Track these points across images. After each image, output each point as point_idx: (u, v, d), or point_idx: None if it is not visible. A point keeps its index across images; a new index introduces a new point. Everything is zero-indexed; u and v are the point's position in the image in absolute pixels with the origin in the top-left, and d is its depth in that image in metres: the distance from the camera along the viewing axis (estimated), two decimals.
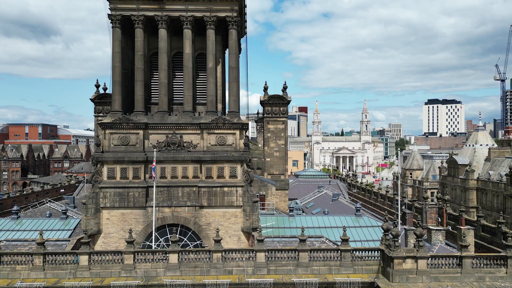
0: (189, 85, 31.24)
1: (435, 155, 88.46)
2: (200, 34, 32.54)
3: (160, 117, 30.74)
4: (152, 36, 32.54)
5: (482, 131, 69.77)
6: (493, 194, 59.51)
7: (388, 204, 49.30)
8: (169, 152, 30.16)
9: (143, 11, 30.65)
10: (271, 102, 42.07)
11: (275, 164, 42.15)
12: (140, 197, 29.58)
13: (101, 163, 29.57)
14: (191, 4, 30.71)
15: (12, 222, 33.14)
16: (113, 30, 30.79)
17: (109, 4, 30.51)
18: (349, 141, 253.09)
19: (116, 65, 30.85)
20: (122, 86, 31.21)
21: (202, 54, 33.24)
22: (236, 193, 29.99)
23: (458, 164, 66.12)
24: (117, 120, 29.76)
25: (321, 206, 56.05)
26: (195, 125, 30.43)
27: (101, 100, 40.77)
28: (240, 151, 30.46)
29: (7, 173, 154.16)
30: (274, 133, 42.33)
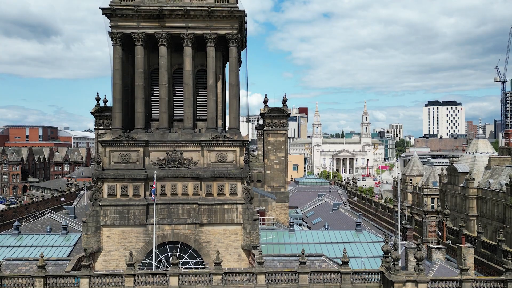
0: (189, 102, 31.29)
1: (436, 161, 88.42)
2: (200, 50, 32.55)
3: (160, 134, 30.78)
4: (153, 52, 32.57)
5: (482, 139, 69.77)
6: (493, 203, 59.51)
7: (388, 215, 49.32)
8: (169, 169, 30.20)
9: (144, 28, 30.70)
10: (271, 115, 42.17)
11: (275, 177, 42.22)
12: (140, 214, 29.63)
13: (102, 180, 29.62)
14: (192, 21, 30.76)
15: (13, 237, 33.18)
16: (113, 48, 30.83)
17: (110, 22, 30.53)
18: (349, 143, 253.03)
19: (116, 82, 30.89)
20: (122, 103, 31.26)
21: (202, 70, 33.25)
22: (236, 211, 30.02)
23: (458, 172, 66.12)
24: (118, 138, 29.81)
25: (321, 215, 56.13)
26: (195, 142, 30.48)
27: (102, 113, 40.85)
28: (240, 168, 30.49)
29: (7, 176, 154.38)
30: (274, 146, 42.40)
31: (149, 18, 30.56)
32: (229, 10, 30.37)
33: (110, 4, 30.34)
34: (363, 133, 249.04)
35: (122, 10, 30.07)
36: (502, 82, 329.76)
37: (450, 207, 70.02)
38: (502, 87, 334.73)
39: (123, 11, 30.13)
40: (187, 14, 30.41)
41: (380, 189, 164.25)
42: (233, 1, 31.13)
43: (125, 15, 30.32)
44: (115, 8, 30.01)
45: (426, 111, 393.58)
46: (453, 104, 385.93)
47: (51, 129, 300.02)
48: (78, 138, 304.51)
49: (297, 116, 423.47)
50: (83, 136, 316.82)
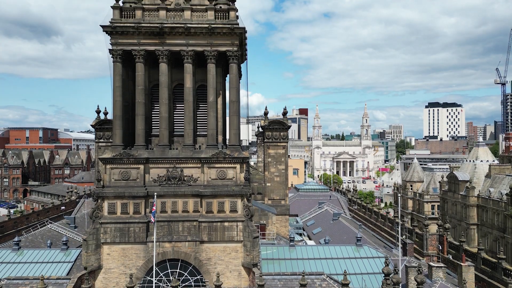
0: (189, 119, 31.30)
1: (436, 168, 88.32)
2: (201, 66, 32.55)
3: (161, 151, 30.79)
4: (153, 68, 32.55)
5: (482, 147, 69.70)
6: (493, 212, 59.48)
7: (388, 226, 49.30)
8: (170, 187, 30.20)
9: (144, 45, 30.71)
10: (271, 127, 42.23)
11: (276, 189, 42.24)
12: (140, 232, 29.62)
13: (102, 198, 29.62)
14: (192, 38, 30.77)
15: (13, 253, 33.19)
16: (114, 65, 30.84)
17: (110, 39, 30.53)
18: (350, 145, 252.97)
19: (117, 99, 30.91)
20: (123, 119, 31.27)
21: (202, 86, 33.24)
22: (236, 228, 30.01)
23: (459, 180, 66.09)
24: (118, 156, 29.80)
25: (322, 225, 56.16)
26: (195, 159, 30.48)
27: (102, 126, 40.93)
28: (240, 185, 30.49)
29: (7, 180, 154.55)
30: (274, 158, 42.42)
31: (150, 35, 30.58)
32: (229, 28, 30.38)
33: (111, 22, 30.36)
34: (363, 135, 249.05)
35: (122, 27, 30.10)
36: (503, 84, 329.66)
37: (451, 215, 70.03)
38: (502, 89, 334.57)
39: (124, 29, 30.15)
40: (188, 31, 30.43)
41: (380, 192, 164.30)
42: (233, 18, 31.18)
43: (126, 32, 30.34)
44: (115, 25, 30.03)
45: (426, 113, 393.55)
46: (453, 106, 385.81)
47: (52, 131, 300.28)
48: (79, 140, 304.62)
49: (297, 118, 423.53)
50: (83, 138, 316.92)
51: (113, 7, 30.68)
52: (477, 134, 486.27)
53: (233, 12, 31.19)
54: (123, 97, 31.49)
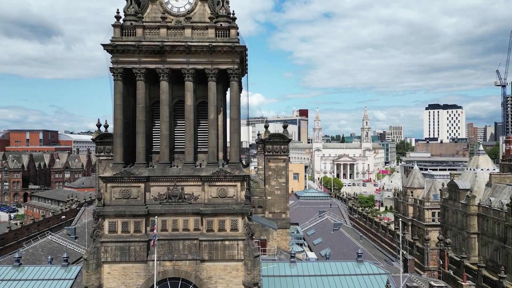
0: (190, 136, 31.29)
1: (437, 174, 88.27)
2: (201, 82, 32.51)
3: (161, 169, 30.77)
4: (154, 85, 32.48)
5: (483, 155, 69.69)
6: (494, 222, 59.47)
7: (389, 237, 49.28)
8: (170, 205, 30.17)
9: (145, 63, 30.71)
10: (271, 140, 42.24)
11: (276, 203, 42.23)
12: (141, 251, 29.60)
13: (103, 217, 29.61)
14: (193, 57, 30.77)
15: (14, 270, 33.21)
16: (114, 83, 30.85)
17: (111, 58, 30.53)
18: (350, 148, 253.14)
19: (117, 118, 30.91)
20: (123, 136, 31.25)
21: (203, 102, 33.19)
22: (237, 247, 29.98)
23: (459, 189, 66.07)
24: (119, 174, 29.79)
25: (322, 235, 56.17)
26: (196, 177, 30.46)
27: (102, 139, 40.99)
28: (241, 203, 30.46)
29: (8, 183, 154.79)
30: (275, 171, 42.42)
31: (150, 53, 30.57)
32: (230, 46, 30.38)
33: (112, 40, 30.37)
34: (364, 137, 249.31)
35: (123, 46, 30.09)
36: (503, 86, 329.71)
37: (451, 223, 70.04)
38: (502, 90, 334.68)
39: (124, 47, 30.14)
40: (188, 50, 30.42)
41: (381, 196, 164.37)
42: (234, 36, 31.18)
43: (126, 51, 30.33)
44: (116, 44, 30.03)
45: (426, 114, 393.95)
46: (453, 108, 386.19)
47: (52, 133, 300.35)
48: (79, 142, 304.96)
49: (297, 119, 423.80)
50: (84, 140, 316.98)
51: (114, 26, 30.68)
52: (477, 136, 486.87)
53: (234, 30, 31.19)
54: (123, 114, 31.49)
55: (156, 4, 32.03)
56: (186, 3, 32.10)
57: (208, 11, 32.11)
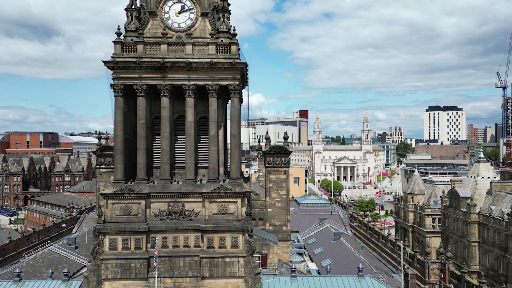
0: (191, 152, 31.27)
1: (437, 180, 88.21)
2: (202, 97, 32.49)
3: (162, 186, 30.76)
4: (154, 100, 32.45)
5: (483, 163, 69.63)
6: (494, 230, 59.39)
7: (390, 248, 49.21)
8: (171, 221, 30.16)
9: (146, 80, 30.71)
10: (272, 152, 42.10)
11: (277, 215, 42.11)
12: (141, 268, 29.58)
13: (103, 234, 29.59)
14: (193, 73, 30.78)
15: (14, 285, 33.13)
16: (115, 99, 30.87)
17: (112, 74, 30.54)
18: (350, 150, 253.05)
19: (118, 134, 30.91)
20: (124, 152, 31.25)
21: (204, 117, 33.17)
22: (238, 264, 29.96)
23: (460, 196, 66.02)
24: (119, 191, 29.78)
25: (323, 244, 56.08)
26: (196, 193, 30.45)
27: (103, 152, 40.76)
28: (242, 219, 30.45)
29: (8, 187, 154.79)
30: (275, 183, 42.30)
31: (151, 69, 30.58)
32: (231, 63, 30.38)
33: (112, 57, 30.37)
34: (364, 140, 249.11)
35: (124, 62, 30.10)
36: (503, 88, 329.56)
37: (452, 231, 69.97)
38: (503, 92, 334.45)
39: (125, 64, 30.16)
40: (189, 66, 30.44)
41: (381, 199, 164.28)
42: (234, 52, 31.18)
43: (127, 67, 30.36)
44: (117, 61, 30.04)
45: (427, 116, 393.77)
46: (454, 109, 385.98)
47: (52, 135, 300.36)
48: (79, 143, 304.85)
49: (297, 121, 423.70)
50: (84, 141, 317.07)
51: (115, 42, 30.69)
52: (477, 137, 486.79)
53: (234, 46, 31.20)
54: (124, 129, 31.51)
55: (156, 19, 32.05)
56: (186, 18, 32.13)
57: (208, 26, 32.13)
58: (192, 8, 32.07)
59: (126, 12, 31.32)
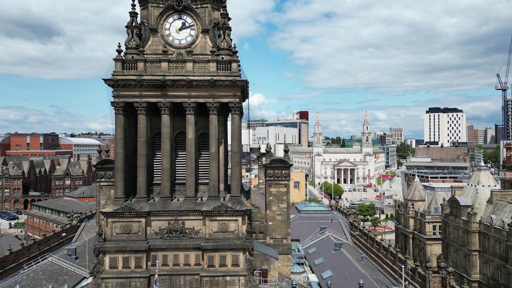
0: (191, 170, 31.20)
1: (438, 187, 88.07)
2: (202, 114, 32.43)
3: (162, 204, 30.69)
4: (155, 117, 32.38)
5: (484, 171, 69.54)
6: (495, 240, 59.30)
7: (391, 259, 49.14)
8: (171, 239, 30.10)
9: (146, 97, 30.65)
10: (273, 165, 41.94)
11: (278, 228, 41.98)
12: (142, 287, 29.51)
13: (103, 252, 29.53)
14: (194, 90, 30.72)
15: None
16: (116, 117, 30.81)
17: (112, 92, 30.48)
18: (351, 152, 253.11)
19: (119, 152, 30.86)
20: (124, 171, 31.19)
21: (204, 134, 33.12)
22: (238, 283, 29.89)
23: (461, 205, 65.93)
24: (120, 210, 29.73)
25: (323, 254, 56.04)
26: (197, 212, 30.39)
27: (103, 165, 40.43)
28: (242, 237, 30.39)
29: (8, 190, 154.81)
30: (276, 197, 42.17)
31: (152, 87, 30.52)
32: (231, 80, 30.33)
33: (113, 74, 30.32)
34: (364, 142, 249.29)
35: (124, 80, 30.05)
36: (503, 90, 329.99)
37: (452, 239, 69.87)
38: (503, 94, 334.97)
39: (126, 82, 30.10)
40: (190, 84, 30.38)
41: (381, 203, 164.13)
42: (235, 70, 31.12)
43: (128, 85, 30.29)
44: (117, 79, 29.99)
45: (427, 118, 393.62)
46: (454, 111, 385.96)
47: (52, 136, 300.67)
48: (80, 145, 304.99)
49: (297, 122, 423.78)
50: (84, 143, 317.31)
51: (115, 60, 30.64)
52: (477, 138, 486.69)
53: (235, 64, 31.14)
54: (125, 146, 31.46)
55: (157, 36, 32.01)
56: (187, 35, 32.09)
57: (209, 43, 32.08)
58: (192, 25, 32.03)
59: (127, 29, 31.26)
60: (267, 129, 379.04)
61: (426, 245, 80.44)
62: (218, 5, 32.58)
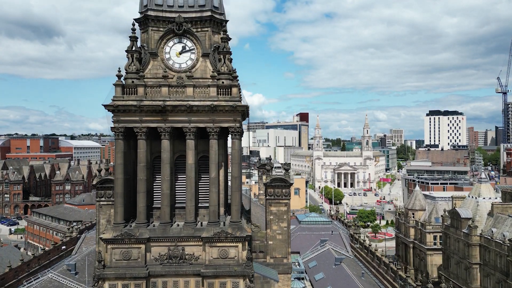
0: (191, 195, 31.08)
1: (438, 196, 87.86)
2: (202, 137, 32.31)
3: (162, 229, 30.55)
4: (155, 140, 32.24)
5: (485, 184, 69.36)
6: (496, 254, 59.14)
7: (391, 276, 48.96)
8: (171, 266, 29.95)
9: (146, 123, 30.54)
10: (273, 184, 41.64)
11: (278, 248, 41.72)
12: None
13: (103, 279, 29.38)
14: (194, 115, 30.61)
15: None
16: (116, 142, 30.71)
17: (112, 117, 30.38)
18: (351, 156, 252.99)
19: (118, 177, 30.76)
20: (124, 196, 31.07)
21: (204, 157, 32.98)
22: None
23: (461, 217, 65.78)
24: (119, 236, 29.59)
25: (324, 269, 55.84)
26: (197, 237, 30.25)
27: (103, 185, 40.29)
28: (242, 264, 30.28)
29: (8, 196, 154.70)
30: (276, 216, 41.92)
31: (152, 112, 30.41)
32: (231, 106, 30.22)
33: (113, 100, 30.22)
34: (364, 146, 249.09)
35: (125, 106, 29.94)
36: (504, 93, 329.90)
37: (453, 251, 69.72)
38: (503, 98, 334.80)
39: (126, 107, 30.00)
40: (190, 109, 30.27)
41: (382, 209, 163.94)
42: (235, 94, 31.01)
43: (128, 110, 30.19)
44: (118, 105, 29.88)
45: (427, 121, 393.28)
46: (454, 114, 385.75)
47: (52, 139, 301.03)
48: (80, 148, 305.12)
49: (298, 125, 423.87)
50: (84, 146, 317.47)
51: (115, 85, 30.53)
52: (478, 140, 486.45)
53: (235, 89, 31.03)
54: (125, 170, 31.34)
55: (157, 60, 31.90)
56: (187, 59, 31.98)
57: (209, 67, 31.96)
58: (193, 49, 31.92)
59: (127, 54, 31.16)
60: (267, 132, 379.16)
61: (426, 255, 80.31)
62: (218, 29, 32.47)
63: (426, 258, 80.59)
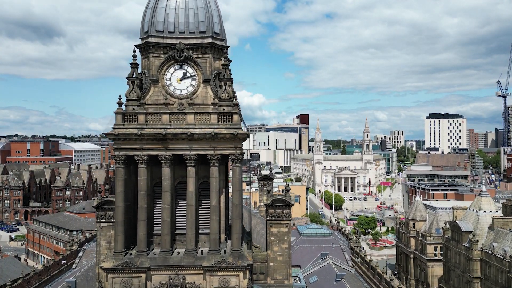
0: (191, 223, 30.95)
1: (439, 207, 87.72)
2: (203, 163, 32.19)
3: (162, 258, 30.43)
4: (155, 166, 32.12)
5: (486, 197, 69.17)
6: (497, 269, 58.98)
7: None
8: None
9: (147, 150, 30.44)
10: (274, 205, 41.60)
11: (279, 269, 41.67)
12: None
13: None
14: (195, 143, 30.51)
15: None
16: (116, 170, 30.61)
17: (113, 145, 30.32)
18: (351, 160, 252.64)
19: (119, 205, 30.65)
20: (124, 224, 30.95)
21: (205, 182, 32.86)
22: None
23: (462, 231, 65.62)
24: (120, 265, 29.48)
25: (325, 285, 55.68)
26: (197, 266, 30.13)
27: (103, 206, 40.30)
28: None
29: (9, 201, 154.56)
30: (277, 237, 41.86)
31: (153, 140, 30.31)
32: (232, 134, 30.12)
33: (114, 128, 30.13)
34: (364, 150, 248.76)
35: (125, 134, 29.85)
36: (504, 96, 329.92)
37: (454, 264, 69.56)
38: (504, 101, 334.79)
39: (127, 135, 29.91)
40: (191, 137, 30.17)
41: (382, 214, 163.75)
42: (236, 121, 30.91)
43: (128, 138, 30.10)
44: (118, 133, 29.79)
45: (427, 124, 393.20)
46: (455, 117, 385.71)
47: (52, 142, 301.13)
48: (80, 151, 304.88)
49: (298, 127, 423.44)
50: (84, 148, 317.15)
51: (116, 113, 30.44)
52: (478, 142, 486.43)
53: (236, 116, 30.93)
54: (125, 197, 31.23)
55: (158, 86, 31.81)
56: (188, 85, 31.89)
57: (210, 93, 31.86)
58: (194, 75, 31.83)
59: (128, 80, 31.07)
60: (267, 135, 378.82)
61: (427, 267, 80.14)
62: (219, 55, 32.39)
63: (426, 269, 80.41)
